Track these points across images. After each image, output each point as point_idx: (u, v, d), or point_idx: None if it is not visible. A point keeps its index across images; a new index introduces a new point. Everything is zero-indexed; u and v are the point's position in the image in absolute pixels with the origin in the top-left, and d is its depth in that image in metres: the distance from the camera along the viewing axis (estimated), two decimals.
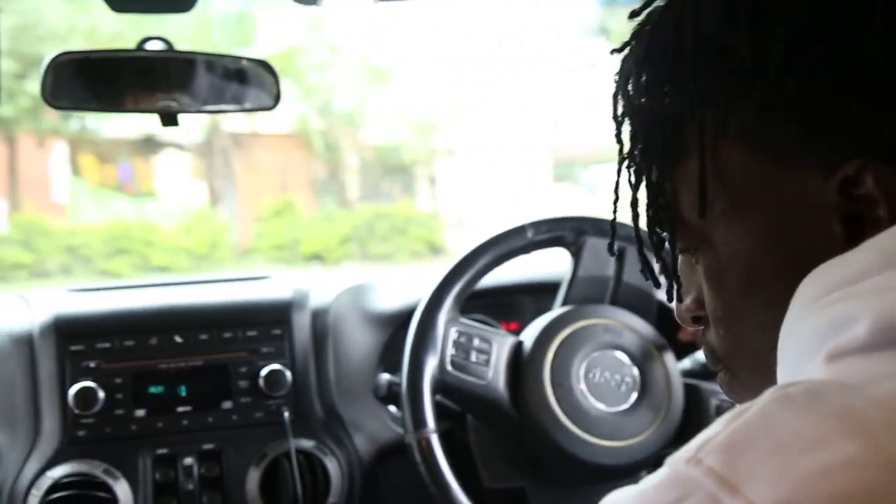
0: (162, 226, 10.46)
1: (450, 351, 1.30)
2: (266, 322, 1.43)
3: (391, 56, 11.51)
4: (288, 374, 1.40)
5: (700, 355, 1.34)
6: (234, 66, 1.41)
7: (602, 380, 1.31)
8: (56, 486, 1.29)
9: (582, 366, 1.30)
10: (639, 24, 0.62)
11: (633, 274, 1.34)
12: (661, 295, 1.32)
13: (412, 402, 1.28)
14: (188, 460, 1.36)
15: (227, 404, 1.39)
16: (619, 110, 0.64)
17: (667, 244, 0.65)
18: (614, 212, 0.69)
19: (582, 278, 1.37)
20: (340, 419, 1.45)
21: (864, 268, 0.51)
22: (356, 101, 11.39)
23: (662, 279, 0.68)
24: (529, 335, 1.32)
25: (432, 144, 11.71)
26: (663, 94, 0.60)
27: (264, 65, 1.40)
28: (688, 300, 0.66)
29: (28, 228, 9.95)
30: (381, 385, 1.38)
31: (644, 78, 0.61)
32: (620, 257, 1.35)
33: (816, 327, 0.53)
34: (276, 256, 10.16)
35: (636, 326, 1.34)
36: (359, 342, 1.49)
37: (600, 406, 1.29)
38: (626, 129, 0.64)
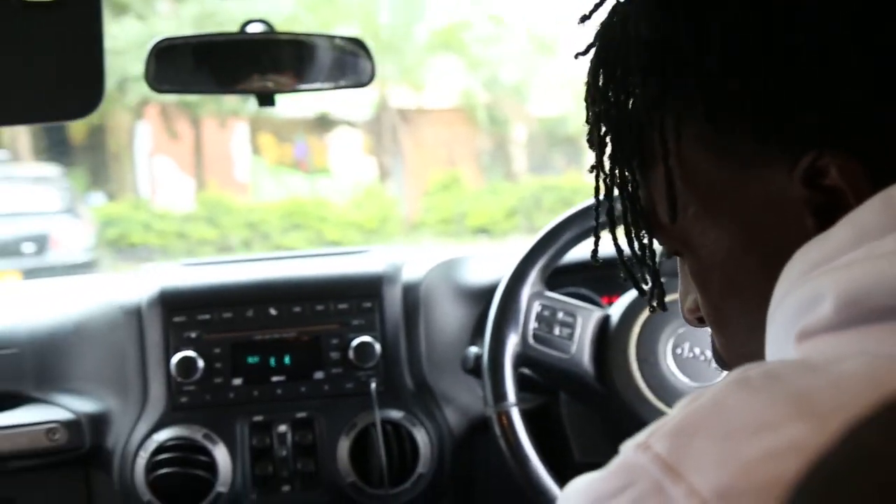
0: (334, 201, 10.78)
1: (532, 324, 1.30)
2: (357, 295, 1.45)
3: (558, 26, 11.40)
4: (377, 346, 1.42)
5: None
6: (330, 46, 1.43)
7: (690, 355, 1.27)
8: (161, 449, 1.36)
9: (669, 341, 1.27)
10: (600, 26, 0.62)
11: None
12: None
13: (493, 375, 1.28)
14: (282, 427, 1.40)
15: (319, 374, 1.42)
16: (589, 116, 0.63)
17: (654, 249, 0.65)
18: (597, 218, 0.68)
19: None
20: (431, 391, 1.46)
21: (839, 245, 0.50)
22: (522, 74, 11.34)
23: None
24: (617, 309, 1.30)
25: None
26: (622, 100, 0.59)
27: (359, 43, 1.41)
28: (688, 301, 0.65)
29: (212, 206, 10.49)
30: (469, 358, 1.38)
31: (601, 83, 0.60)
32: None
33: (790, 308, 0.52)
34: (443, 230, 10.30)
35: None
36: (450, 316, 1.50)
37: (687, 381, 1.26)
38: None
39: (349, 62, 1.40)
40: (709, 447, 0.43)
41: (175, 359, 1.38)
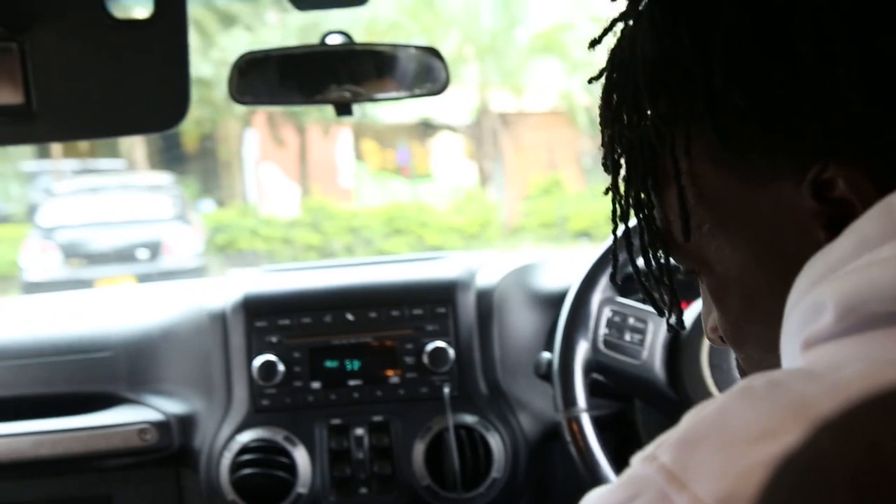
0: (435, 206, 10.83)
1: (602, 330, 1.29)
2: (431, 301, 1.46)
3: None
4: (451, 351, 1.42)
5: None
6: (405, 55, 1.44)
7: None
8: (244, 450, 1.39)
9: None
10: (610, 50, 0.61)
11: None
12: None
13: (563, 380, 1.28)
14: (359, 430, 1.42)
15: (395, 379, 1.44)
16: (604, 139, 0.63)
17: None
18: (614, 239, 0.66)
19: None
20: (505, 396, 1.46)
21: (842, 255, 0.50)
22: None
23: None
24: (689, 315, 1.28)
25: None
26: (633, 121, 0.59)
27: (433, 52, 1.42)
28: (710, 320, 0.65)
29: (316, 212, 10.67)
30: (542, 363, 1.36)
31: (613, 106, 0.60)
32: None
33: (797, 318, 0.52)
34: (543, 234, 10.24)
35: None
36: (524, 321, 1.50)
37: None
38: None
39: (425, 71, 1.40)
40: (712, 456, 0.44)
41: (257, 362, 1.41)
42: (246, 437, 1.40)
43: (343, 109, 1.41)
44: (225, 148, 12.33)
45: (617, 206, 0.63)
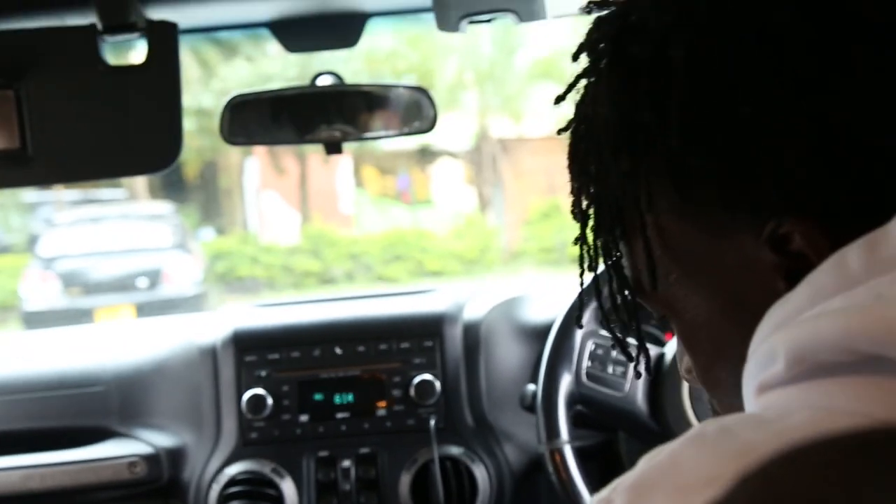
0: (435, 232, 10.82)
1: (586, 363, 1.31)
2: (419, 335, 1.47)
3: None
4: (438, 384, 1.44)
5: None
6: (394, 95, 1.47)
7: None
8: (232, 482, 1.41)
9: None
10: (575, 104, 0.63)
11: None
12: None
13: (546, 412, 1.30)
14: (346, 462, 1.43)
15: (382, 412, 1.45)
16: (573, 189, 0.64)
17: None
18: (581, 288, 0.68)
19: None
20: (490, 428, 1.47)
21: (798, 305, 0.52)
22: None
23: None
24: (671, 347, 1.29)
25: None
26: (600, 174, 0.60)
27: (421, 91, 1.44)
28: (685, 362, 0.66)
29: (316, 239, 10.68)
30: (527, 395, 1.38)
31: (581, 157, 0.61)
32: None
33: (753, 365, 0.54)
34: (544, 259, 10.23)
35: None
36: (511, 354, 1.51)
37: None
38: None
39: (414, 109, 1.42)
40: (662, 500, 0.46)
41: (246, 396, 1.43)
42: (234, 469, 1.42)
43: (333, 148, 1.42)
44: (226, 176, 12.35)
45: (585, 254, 0.64)
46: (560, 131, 0.65)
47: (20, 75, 1.19)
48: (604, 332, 1.32)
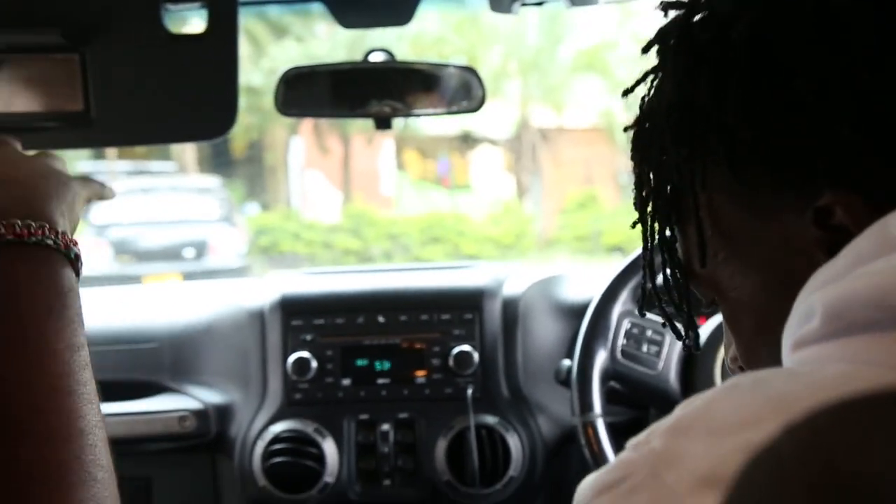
0: (473, 217, 10.81)
1: (621, 341, 1.31)
2: (459, 307, 1.48)
3: None
4: (476, 355, 1.44)
5: None
6: (444, 73, 1.46)
7: None
8: (276, 439, 1.42)
9: None
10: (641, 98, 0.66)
11: None
12: None
13: (581, 387, 1.30)
14: (385, 426, 1.44)
15: (421, 379, 1.46)
16: (635, 180, 0.67)
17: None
18: (644, 269, 0.69)
19: None
20: (525, 400, 1.47)
21: (839, 269, 0.53)
22: None
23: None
24: (705, 330, 1.29)
25: None
26: (660, 161, 0.63)
27: (471, 70, 1.43)
28: (731, 351, 0.67)
29: (357, 218, 10.70)
30: (562, 370, 1.39)
31: (642, 148, 0.64)
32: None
33: (791, 324, 0.55)
34: (577, 247, 10.18)
35: None
36: (547, 330, 1.51)
37: None
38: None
39: (462, 89, 1.42)
40: (697, 442, 0.47)
41: (291, 359, 1.44)
42: (278, 427, 1.43)
43: (382, 123, 1.42)
44: (271, 154, 12.42)
45: (647, 239, 0.66)
46: (626, 129, 0.67)
47: (85, 40, 1.21)
48: (638, 312, 1.32)
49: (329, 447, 1.43)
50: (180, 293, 1.68)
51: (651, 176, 0.65)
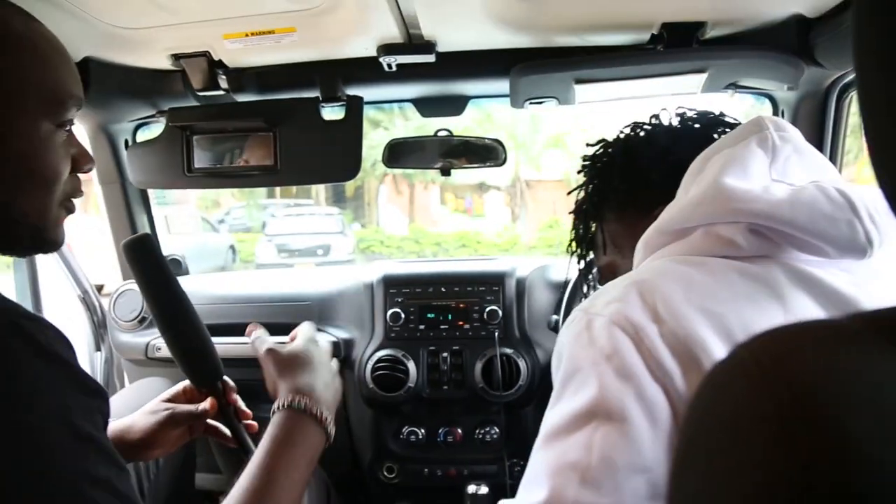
0: (485, 233, 10.79)
1: None
2: (489, 283, 1.46)
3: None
4: (500, 312, 1.43)
5: None
6: (482, 143, 1.46)
7: None
8: (379, 360, 1.42)
9: None
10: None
11: None
12: None
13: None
14: (444, 354, 1.43)
15: (466, 326, 1.44)
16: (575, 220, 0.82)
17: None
18: (578, 263, 0.83)
19: None
20: (529, 339, 1.45)
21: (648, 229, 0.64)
22: None
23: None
24: None
25: None
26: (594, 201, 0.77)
27: (499, 142, 1.43)
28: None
29: (417, 233, 10.69)
30: (552, 321, 1.38)
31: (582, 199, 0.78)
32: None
33: (637, 258, 0.65)
34: (547, 251, 10.05)
35: None
36: (543, 296, 1.48)
37: None
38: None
39: (493, 152, 1.42)
40: (599, 300, 0.57)
41: (389, 312, 1.44)
42: (381, 353, 1.42)
43: (445, 173, 1.43)
44: (368, 194, 12.44)
45: (575, 256, 0.80)
46: (571, 191, 0.83)
47: (277, 124, 1.21)
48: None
49: (411, 365, 1.41)
50: (322, 274, 1.66)
51: (580, 230, 0.77)
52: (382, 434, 1.46)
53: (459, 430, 1.44)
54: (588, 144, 0.76)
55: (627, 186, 0.67)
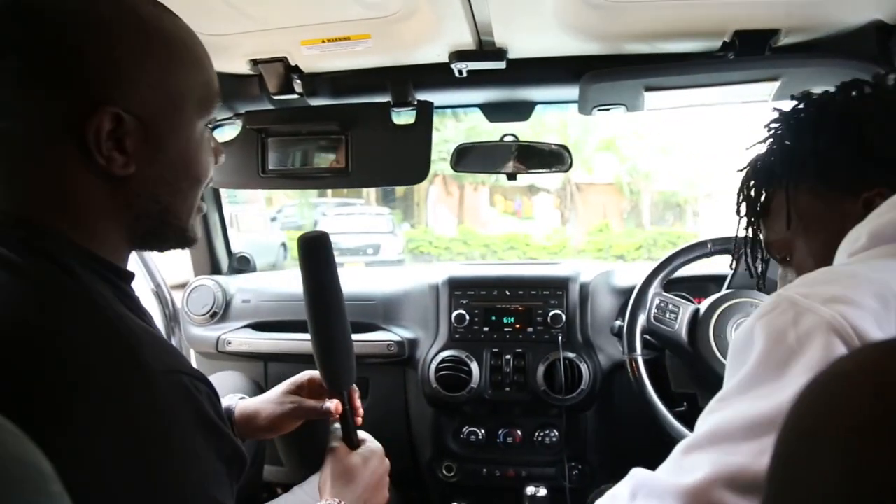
0: (534, 235, 10.69)
1: (653, 310, 1.27)
2: (554, 287, 1.45)
3: (674, 136, 10.76)
4: (563, 316, 1.42)
5: None
6: (547, 148, 1.45)
7: None
8: (443, 361, 1.42)
9: (734, 325, 1.21)
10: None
11: (773, 272, 1.20)
12: None
13: (629, 337, 1.27)
14: (508, 356, 1.42)
15: (530, 329, 1.43)
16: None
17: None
18: (735, 243, 0.76)
19: (740, 273, 1.27)
20: (591, 344, 1.43)
21: (878, 213, 0.56)
22: (650, 165, 10.80)
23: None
24: (704, 305, 1.24)
25: (696, 191, 10.77)
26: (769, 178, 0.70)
27: (564, 147, 1.42)
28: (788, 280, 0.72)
29: (466, 234, 10.65)
30: (615, 327, 1.36)
31: (756, 172, 0.70)
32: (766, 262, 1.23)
33: (843, 247, 0.58)
34: (596, 256, 9.92)
35: None
36: (606, 302, 1.46)
37: None
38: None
39: (559, 157, 1.41)
40: (817, 287, 0.50)
41: (454, 314, 1.44)
42: (445, 353, 1.43)
43: (512, 177, 1.41)
44: (417, 195, 12.50)
45: (743, 235, 0.72)
46: (740, 170, 0.73)
47: (348, 128, 1.24)
48: (665, 294, 1.28)
49: (474, 366, 1.41)
50: (387, 274, 1.66)
51: (753, 192, 0.67)
52: (443, 433, 1.46)
53: (519, 432, 1.43)
54: (792, 97, 0.64)
55: (840, 154, 0.55)
